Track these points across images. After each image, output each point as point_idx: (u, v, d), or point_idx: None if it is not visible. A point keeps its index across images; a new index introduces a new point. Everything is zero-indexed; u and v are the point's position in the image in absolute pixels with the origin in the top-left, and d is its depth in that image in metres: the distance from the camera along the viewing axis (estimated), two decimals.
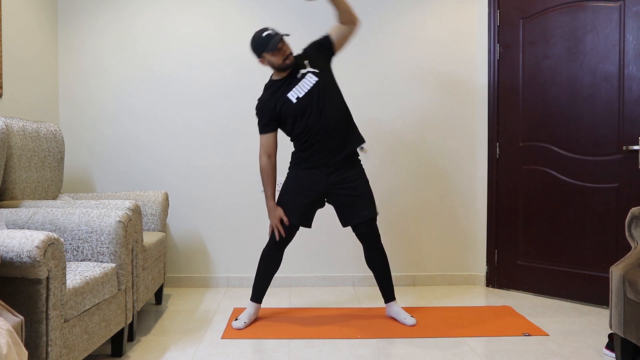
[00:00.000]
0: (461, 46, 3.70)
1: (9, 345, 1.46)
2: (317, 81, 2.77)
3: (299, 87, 2.77)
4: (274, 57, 2.73)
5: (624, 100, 3.05)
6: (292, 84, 2.78)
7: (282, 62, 2.73)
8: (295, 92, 2.77)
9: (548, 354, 2.47)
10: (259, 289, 2.93)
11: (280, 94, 2.79)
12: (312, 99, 2.75)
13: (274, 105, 2.79)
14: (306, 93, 2.76)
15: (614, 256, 3.09)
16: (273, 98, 2.81)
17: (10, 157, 2.59)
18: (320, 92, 2.76)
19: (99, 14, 3.64)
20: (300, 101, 2.75)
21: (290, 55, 2.74)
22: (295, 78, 2.79)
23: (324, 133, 2.76)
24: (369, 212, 2.83)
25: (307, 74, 2.78)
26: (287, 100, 2.77)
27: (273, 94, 2.82)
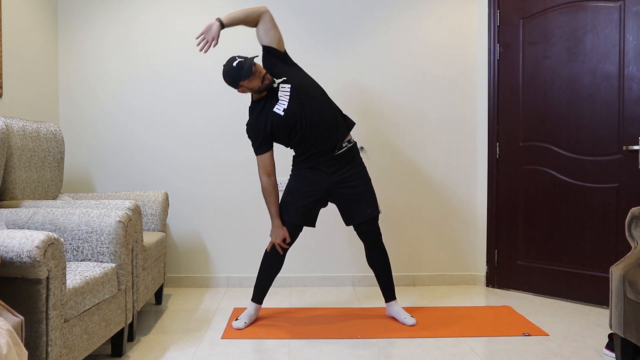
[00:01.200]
0: (461, 46, 3.70)
1: (9, 345, 1.46)
2: (291, 87, 2.77)
3: (280, 100, 2.77)
4: (252, 83, 2.72)
5: (624, 100, 3.05)
6: (273, 99, 2.79)
7: (262, 83, 2.73)
8: (279, 105, 2.77)
9: (548, 354, 2.47)
10: (260, 289, 2.93)
11: (267, 111, 2.79)
12: (297, 105, 2.76)
13: (264, 124, 2.79)
14: (289, 102, 2.76)
15: (614, 256, 3.09)
16: (261, 117, 2.80)
17: (10, 157, 2.59)
18: (300, 95, 2.76)
19: (99, 14, 3.64)
20: (288, 112, 2.76)
21: (266, 75, 2.74)
22: (274, 93, 2.79)
23: (319, 132, 2.76)
24: (372, 210, 2.84)
25: (280, 85, 2.78)
26: (275, 115, 2.77)
27: (260, 113, 2.81)
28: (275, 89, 2.79)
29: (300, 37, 3.66)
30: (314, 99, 2.79)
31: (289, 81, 2.79)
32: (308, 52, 3.66)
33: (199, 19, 3.65)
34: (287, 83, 2.78)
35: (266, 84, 2.74)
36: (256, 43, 3.69)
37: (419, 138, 3.71)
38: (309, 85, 2.83)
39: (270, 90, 2.80)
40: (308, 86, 2.83)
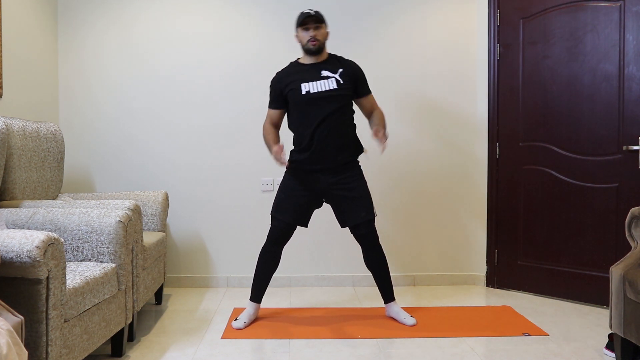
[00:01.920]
0: (461, 46, 3.70)
1: (9, 345, 1.46)
2: (335, 89, 2.76)
3: (315, 83, 2.76)
4: (301, 34, 2.78)
5: (624, 100, 3.05)
6: (311, 77, 2.78)
7: (306, 42, 2.75)
8: (309, 85, 2.76)
9: (548, 354, 2.47)
10: (258, 288, 2.93)
11: (295, 78, 2.79)
12: (320, 100, 2.75)
13: (285, 86, 2.80)
14: (318, 92, 2.75)
15: (614, 256, 3.09)
16: (286, 78, 2.81)
17: (10, 157, 2.59)
18: (331, 100, 2.75)
19: (98, 14, 3.64)
20: (308, 96, 2.75)
21: (315, 41, 2.74)
22: (319, 74, 2.78)
23: (320, 138, 2.75)
24: (367, 213, 2.83)
25: (331, 78, 2.77)
26: (298, 88, 2.76)
27: (289, 74, 2.83)
28: (325, 75, 2.77)
29: None
30: (337, 114, 2.76)
31: (340, 86, 2.77)
32: None
33: (198, 19, 3.65)
34: (337, 85, 2.76)
35: (309, 46, 2.74)
36: (258, 44, 3.71)
37: (418, 138, 3.71)
38: (344, 105, 2.80)
39: (319, 69, 2.78)
40: (343, 105, 2.79)
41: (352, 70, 2.84)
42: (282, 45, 3.66)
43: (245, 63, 3.67)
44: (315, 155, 2.78)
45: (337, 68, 2.80)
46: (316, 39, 2.75)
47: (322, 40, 2.79)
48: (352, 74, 2.83)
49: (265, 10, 3.66)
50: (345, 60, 2.89)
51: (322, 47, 2.80)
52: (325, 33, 2.81)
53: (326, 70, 2.80)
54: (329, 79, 2.77)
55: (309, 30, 2.75)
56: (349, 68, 2.84)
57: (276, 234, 2.86)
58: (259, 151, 3.68)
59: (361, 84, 2.88)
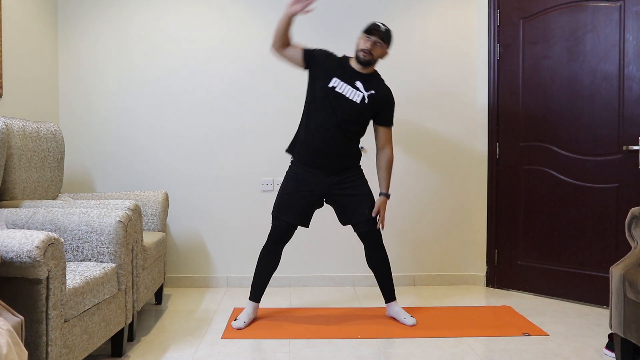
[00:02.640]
0: (461, 46, 3.70)
1: (9, 345, 1.46)
2: (355, 103, 2.76)
3: (345, 85, 2.76)
4: (361, 40, 2.77)
5: (624, 100, 3.05)
6: (345, 78, 2.77)
7: (360, 51, 2.75)
8: (339, 83, 2.76)
9: (548, 354, 2.47)
10: (257, 288, 2.93)
11: (334, 68, 2.78)
12: (337, 102, 2.74)
13: (323, 66, 2.78)
14: (341, 95, 2.75)
15: (614, 256, 3.09)
16: (330, 63, 2.80)
17: (10, 157, 2.59)
18: (346, 109, 2.75)
19: (98, 14, 3.63)
20: (331, 91, 2.74)
21: (368, 54, 2.74)
22: (354, 82, 2.78)
23: (323, 140, 2.76)
24: (369, 211, 2.84)
25: (360, 92, 2.77)
26: (329, 79, 2.76)
27: (333, 62, 2.81)
28: (357, 87, 2.77)
29: (303, 37, 3.65)
30: (348, 126, 2.77)
31: (363, 104, 2.77)
32: None
33: (198, 22, 3.65)
34: (362, 101, 2.76)
35: (359, 55, 2.75)
36: (259, 45, 3.70)
37: (418, 137, 3.71)
38: (359, 122, 2.82)
39: (354, 79, 2.78)
40: (358, 121, 2.81)
41: (382, 97, 2.83)
42: None
43: (245, 63, 3.66)
44: (317, 152, 2.79)
45: (370, 88, 2.79)
46: (370, 53, 2.74)
47: (375, 57, 2.77)
48: (380, 100, 2.82)
49: (267, 11, 3.65)
50: (382, 84, 2.86)
51: (371, 63, 2.79)
52: (383, 53, 2.80)
53: (361, 83, 2.79)
54: (357, 92, 2.77)
55: (369, 41, 2.74)
56: (381, 93, 2.82)
57: (277, 234, 2.86)
58: (259, 151, 3.68)
59: (384, 113, 2.87)
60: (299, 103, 3.63)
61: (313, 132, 2.77)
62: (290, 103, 3.66)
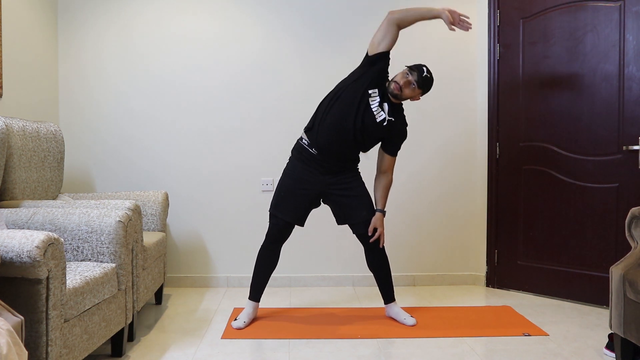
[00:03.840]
0: (461, 46, 3.70)
1: (9, 345, 1.46)
2: (375, 122, 2.75)
3: (377, 102, 2.76)
4: (400, 74, 2.76)
5: (624, 100, 3.05)
6: (381, 97, 2.77)
7: (394, 84, 2.74)
8: (375, 96, 2.75)
9: (548, 354, 2.47)
10: (256, 287, 2.93)
11: (380, 83, 2.77)
12: (360, 112, 2.74)
13: (380, 75, 2.77)
14: (369, 105, 2.74)
15: (614, 256, 3.09)
16: (383, 76, 2.79)
17: (10, 157, 2.59)
18: (366, 123, 2.74)
19: (98, 15, 3.63)
20: (365, 98, 2.74)
21: (399, 89, 2.72)
22: (384, 104, 2.77)
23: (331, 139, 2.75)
24: (367, 212, 2.84)
25: (383, 115, 2.76)
26: (372, 86, 2.75)
27: (384, 78, 2.80)
28: (382, 109, 2.78)
29: (303, 36, 3.66)
30: (359, 141, 2.78)
31: (379, 126, 2.77)
32: (312, 50, 3.67)
33: (199, 20, 3.65)
34: (379, 123, 2.77)
35: (391, 89, 2.75)
36: (260, 44, 3.71)
37: (418, 138, 3.71)
38: (367, 141, 2.83)
39: (384, 101, 2.78)
40: (368, 140, 2.82)
41: (398, 128, 2.84)
42: (285, 46, 3.66)
43: (246, 63, 3.67)
44: (318, 149, 2.78)
45: (392, 115, 2.80)
46: (400, 89, 2.73)
47: (403, 95, 2.76)
48: (396, 129, 2.83)
49: (268, 11, 3.65)
50: (403, 117, 2.87)
51: (398, 98, 2.78)
52: (413, 95, 2.78)
53: (388, 107, 2.78)
54: (382, 112, 2.77)
55: (405, 79, 2.73)
56: (398, 124, 2.84)
57: (275, 233, 2.86)
58: (259, 151, 3.68)
59: (394, 142, 2.87)
60: (300, 103, 3.64)
61: (325, 128, 2.76)
62: (291, 103, 3.66)
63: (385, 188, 2.90)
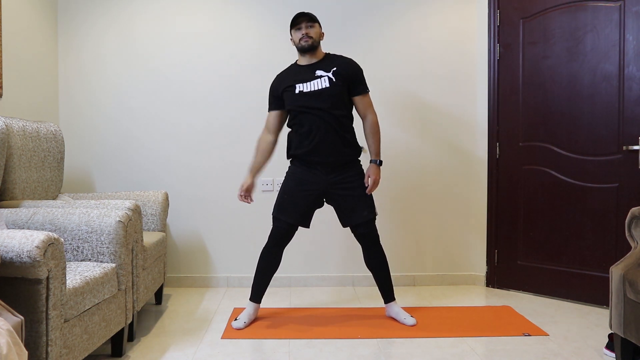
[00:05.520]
0: (461, 46, 3.70)
1: (9, 345, 1.46)
2: (327, 88, 2.76)
3: (309, 82, 2.78)
4: (294, 35, 2.81)
5: (624, 100, 3.05)
6: (306, 77, 2.80)
7: (299, 40, 2.78)
8: (303, 85, 2.79)
9: (548, 354, 2.47)
10: (258, 288, 2.93)
11: (291, 79, 2.82)
12: (313, 99, 2.75)
13: (282, 87, 2.84)
14: (311, 91, 2.77)
15: (614, 256, 3.09)
16: (284, 80, 2.85)
17: (10, 157, 2.59)
18: (324, 98, 2.75)
19: (98, 14, 3.64)
20: (302, 95, 2.77)
21: (308, 38, 2.76)
22: (313, 74, 2.80)
23: (317, 135, 2.76)
24: (368, 212, 2.83)
25: (324, 77, 2.78)
26: (292, 88, 2.79)
27: (287, 76, 2.87)
28: (318, 75, 2.78)
29: None
30: (332, 111, 2.77)
31: (333, 83, 2.77)
32: None
33: (199, 19, 3.65)
34: (330, 83, 2.77)
35: (302, 44, 2.77)
36: (259, 44, 3.71)
37: (418, 138, 3.71)
38: (339, 102, 2.80)
39: (313, 70, 2.80)
40: (338, 102, 2.79)
41: (347, 68, 2.83)
42: (282, 45, 3.66)
43: (246, 62, 3.67)
44: (313, 150, 2.79)
45: (331, 67, 2.81)
46: (309, 37, 2.77)
47: (316, 38, 2.80)
48: (346, 72, 2.82)
49: (265, 10, 3.66)
50: (341, 58, 2.88)
51: (316, 45, 2.81)
52: (319, 32, 2.83)
53: (320, 69, 2.81)
54: (321, 78, 2.78)
55: (302, 29, 2.78)
56: (344, 65, 2.83)
57: (278, 235, 2.86)
58: None
59: (356, 82, 2.85)
60: None
61: (305, 135, 2.79)
62: None
63: (373, 132, 2.87)
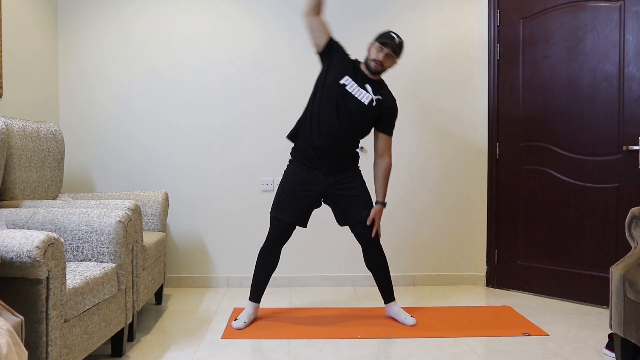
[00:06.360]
0: (461, 46, 3.70)
1: (9, 345, 1.46)
2: (364, 104, 2.75)
3: (355, 86, 2.76)
4: (373, 49, 2.78)
5: (624, 100, 3.05)
6: (356, 80, 2.77)
7: (372, 60, 2.76)
8: (350, 82, 2.76)
9: (548, 354, 2.47)
10: (257, 288, 2.93)
11: (347, 69, 2.77)
12: (346, 100, 2.74)
13: (341, 63, 2.78)
14: (350, 94, 2.75)
15: (614, 256, 3.09)
16: (345, 61, 2.80)
17: (10, 157, 2.59)
18: (354, 108, 2.74)
19: (98, 14, 3.64)
20: (341, 88, 2.74)
21: (380, 65, 2.75)
22: (364, 84, 2.78)
23: (326, 138, 2.75)
24: (367, 212, 2.84)
25: (368, 94, 2.76)
26: (340, 75, 2.76)
27: (347, 62, 2.81)
28: (366, 89, 2.77)
29: (304, 37, 3.66)
30: (351, 127, 2.77)
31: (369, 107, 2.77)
32: (313, 52, 3.66)
33: (199, 19, 3.65)
34: (368, 103, 2.76)
35: (372, 65, 2.76)
36: (259, 44, 3.71)
37: (418, 138, 3.71)
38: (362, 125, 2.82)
39: (364, 82, 2.78)
40: (362, 123, 2.81)
41: (389, 104, 2.84)
42: (283, 46, 3.66)
43: (246, 63, 3.67)
44: (315, 151, 2.78)
45: (378, 92, 2.80)
46: (382, 65, 2.76)
47: (385, 68, 2.79)
48: (386, 106, 2.83)
49: (267, 11, 3.66)
50: (389, 92, 2.88)
51: (381, 72, 2.81)
52: (393, 64, 2.81)
53: (370, 87, 2.79)
54: (366, 94, 2.77)
55: (382, 52, 2.75)
56: (389, 100, 2.84)
57: (276, 235, 2.86)
58: (259, 151, 3.68)
59: (388, 120, 2.87)
60: (300, 103, 3.63)
61: (317, 130, 2.76)
62: (291, 103, 3.66)
63: (385, 175, 2.89)
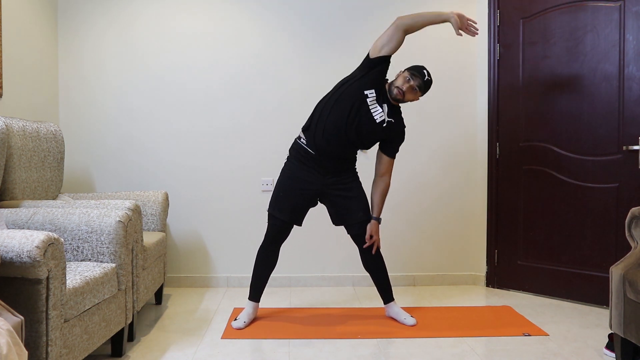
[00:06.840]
0: (461, 46, 3.70)
1: (9, 345, 1.46)
2: (375, 122, 2.75)
3: (375, 102, 2.75)
4: (401, 77, 2.75)
5: (624, 100, 3.05)
6: (379, 98, 2.76)
7: (396, 90, 2.74)
8: (373, 97, 2.74)
9: (548, 354, 2.47)
10: (256, 287, 2.93)
11: (377, 85, 2.76)
12: (359, 114, 2.73)
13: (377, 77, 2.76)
14: (368, 107, 2.73)
15: (614, 256, 3.09)
16: (381, 78, 2.78)
17: (10, 157, 2.59)
18: (366, 122, 2.73)
19: (98, 14, 3.64)
20: (363, 99, 2.72)
21: (403, 94, 2.74)
22: (382, 103, 2.77)
23: (330, 140, 2.74)
24: (364, 213, 2.84)
25: (383, 115, 2.75)
26: (369, 87, 2.74)
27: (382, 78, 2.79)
28: (383, 109, 2.77)
29: (304, 38, 3.66)
30: (357, 141, 2.77)
31: (381, 126, 2.77)
32: (313, 52, 3.67)
33: (199, 20, 3.65)
34: (381, 123, 2.76)
35: (394, 94, 2.74)
36: (260, 45, 3.71)
37: (419, 138, 3.71)
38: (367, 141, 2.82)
39: (383, 102, 2.77)
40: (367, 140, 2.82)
41: (397, 129, 2.84)
42: (284, 47, 3.66)
43: (246, 63, 3.67)
44: (316, 150, 2.78)
45: (392, 115, 2.80)
46: (404, 95, 2.75)
47: (405, 99, 2.78)
48: (395, 132, 2.83)
49: (267, 12, 3.66)
50: (401, 119, 2.87)
51: (400, 102, 2.80)
52: (415, 98, 2.80)
53: (387, 108, 2.78)
54: (381, 113, 2.76)
55: (408, 84, 2.73)
56: (398, 126, 2.84)
57: (273, 233, 2.86)
58: (259, 151, 3.68)
59: (393, 143, 2.87)
60: (300, 103, 3.64)
61: (322, 128, 2.75)
62: (291, 103, 3.66)
63: (382, 193, 2.89)
